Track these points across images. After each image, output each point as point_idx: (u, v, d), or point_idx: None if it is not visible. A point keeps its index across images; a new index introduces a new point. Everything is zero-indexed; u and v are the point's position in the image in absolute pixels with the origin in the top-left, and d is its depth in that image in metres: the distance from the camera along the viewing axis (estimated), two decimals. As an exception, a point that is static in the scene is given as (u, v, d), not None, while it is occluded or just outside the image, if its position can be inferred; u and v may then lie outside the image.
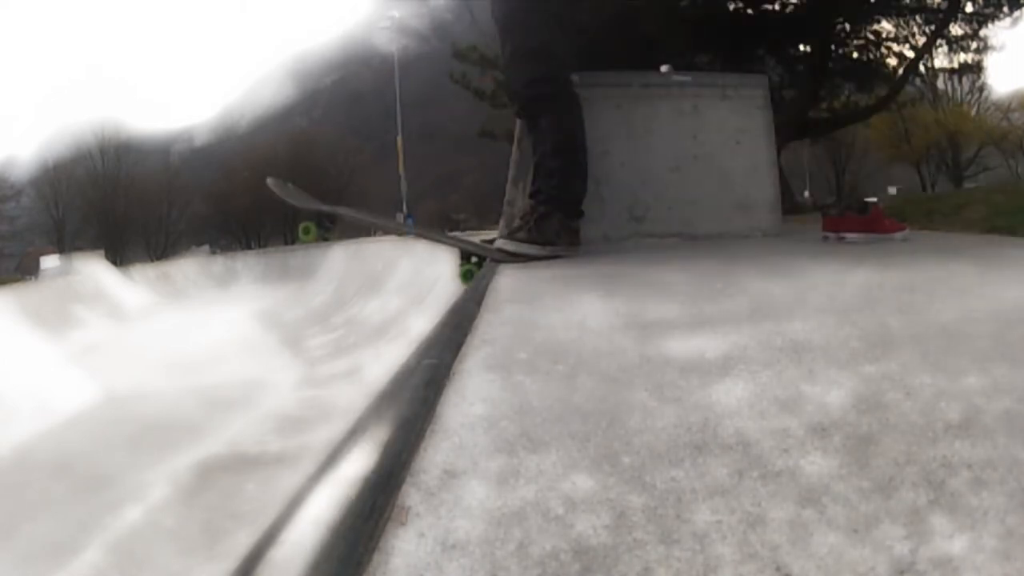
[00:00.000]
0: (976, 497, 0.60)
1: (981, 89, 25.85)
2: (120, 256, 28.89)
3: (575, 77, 3.93)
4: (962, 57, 12.73)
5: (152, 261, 27.63)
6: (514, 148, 3.85)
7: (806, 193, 26.63)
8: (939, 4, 11.22)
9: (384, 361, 5.26)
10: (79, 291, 14.03)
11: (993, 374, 0.93)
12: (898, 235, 3.01)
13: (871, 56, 12.53)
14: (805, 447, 0.73)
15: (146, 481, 3.76)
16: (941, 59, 13.21)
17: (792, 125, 11.13)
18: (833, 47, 11.83)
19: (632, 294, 1.91)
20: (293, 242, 32.77)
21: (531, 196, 3.18)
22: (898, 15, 11.80)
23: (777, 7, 11.66)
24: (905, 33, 12.24)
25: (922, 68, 14.00)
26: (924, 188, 25.34)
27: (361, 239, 18.30)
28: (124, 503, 3.47)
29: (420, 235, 5.20)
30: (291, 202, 4.13)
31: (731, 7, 11.47)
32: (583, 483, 0.68)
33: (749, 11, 11.36)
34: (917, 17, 11.78)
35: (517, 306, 1.75)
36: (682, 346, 1.20)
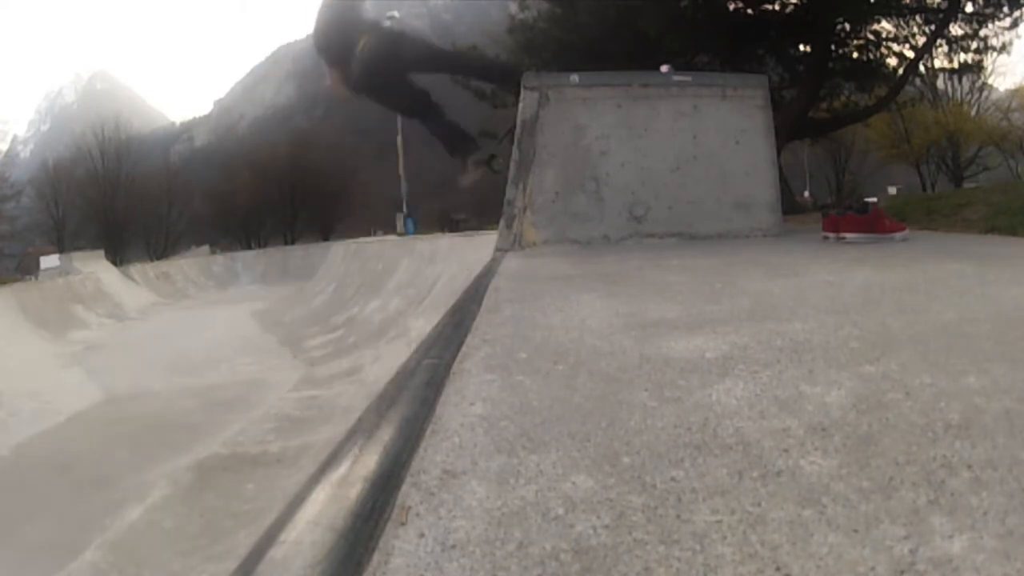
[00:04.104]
0: (976, 497, 0.60)
1: (981, 89, 25.82)
2: (120, 255, 28.86)
3: (575, 77, 3.93)
4: (962, 57, 12.73)
5: (152, 261, 27.64)
6: (514, 148, 3.85)
7: (806, 193, 26.61)
8: (939, 4, 11.21)
9: (384, 362, 5.26)
10: (79, 291, 14.03)
11: (993, 374, 0.93)
12: (898, 235, 3.02)
13: (871, 56, 12.52)
14: (805, 447, 0.73)
15: (146, 481, 3.76)
16: (941, 59, 13.21)
17: (792, 125, 11.12)
18: (833, 47, 11.83)
19: (632, 294, 1.91)
20: (293, 242, 32.79)
21: None
22: (898, 15, 11.79)
23: (777, 7, 11.65)
24: (905, 33, 12.23)
25: (922, 68, 13.99)
26: (924, 188, 25.31)
27: (360, 239, 18.31)
28: (124, 503, 3.47)
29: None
30: None
31: (731, 7, 11.46)
32: (583, 483, 0.68)
33: (749, 11, 11.35)
34: (917, 17, 11.77)
35: (517, 306, 1.75)
36: (682, 346, 1.20)
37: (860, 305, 1.51)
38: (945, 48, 12.40)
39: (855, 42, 12.42)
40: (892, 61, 12.54)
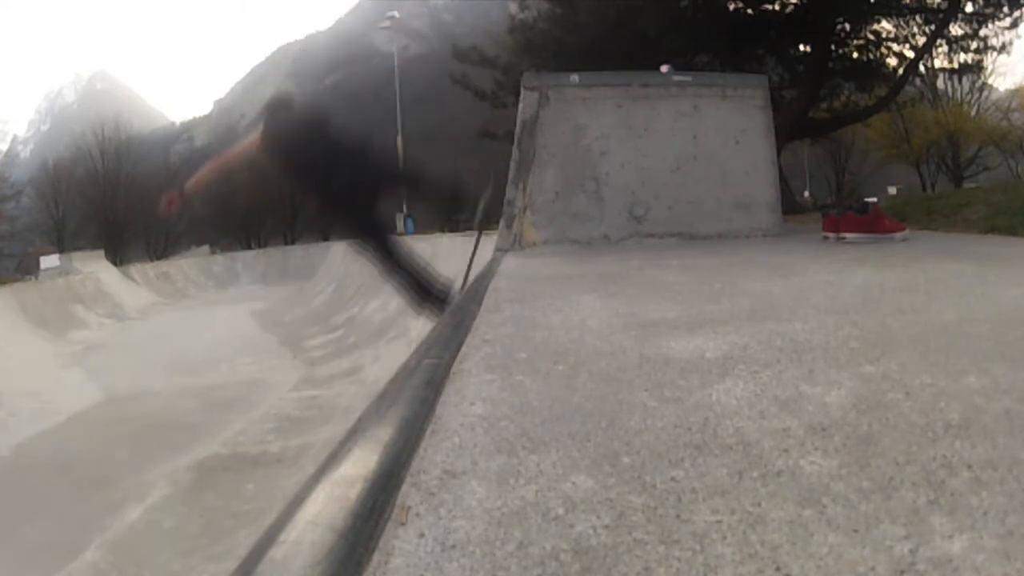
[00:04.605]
0: (976, 497, 0.60)
1: (981, 89, 25.82)
2: (120, 256, 28.85)
3: (575, 77, 3.94)
4: (962, 57, 12.74)
5: (152, 261, 27.62)
6: (514, 148, 3.85)
7: (806, 193, 26.61)
8: (939, 4, 11.22)
9: (384, 362, 5.26)
10: (79, 291, 14.03)
11: (993, 374, 0.93)
12: (898, 235, 3.02)
13: (871, 56, 12.53)
14: (805, 447, 0.73)
15: (146, 481, 3.76)
16: (941, 59, 13.21)
17: (792, 125, 11.12)
18: (833, 47, 11.84)
19: (632, 294, 1.91)
20: (293, 242, 32.77)
21: None
22: (898, 15, 11.80)
23: (777, 7, 11.66)
24: (905, 33, 12.25)
25: (922, 68, 14.00)
26: (924, 188, 25.30)
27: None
28: (124, 503, 3.47)
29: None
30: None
31: (731, 7, 11.47)
32: (583, 483, 0.68)
33: (749, 11, 11.36)
34: (917, 17, 11.78)
35: (517, 306, 1.75)
36: (682, 346, 1.20)
37: (860, 305, 1.51)
38: (945, 48, 12.42)
39: (855, 42, 12.43)
40: (892, 61, 12.56)
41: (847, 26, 11.86)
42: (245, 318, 11.63)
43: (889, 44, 12.46)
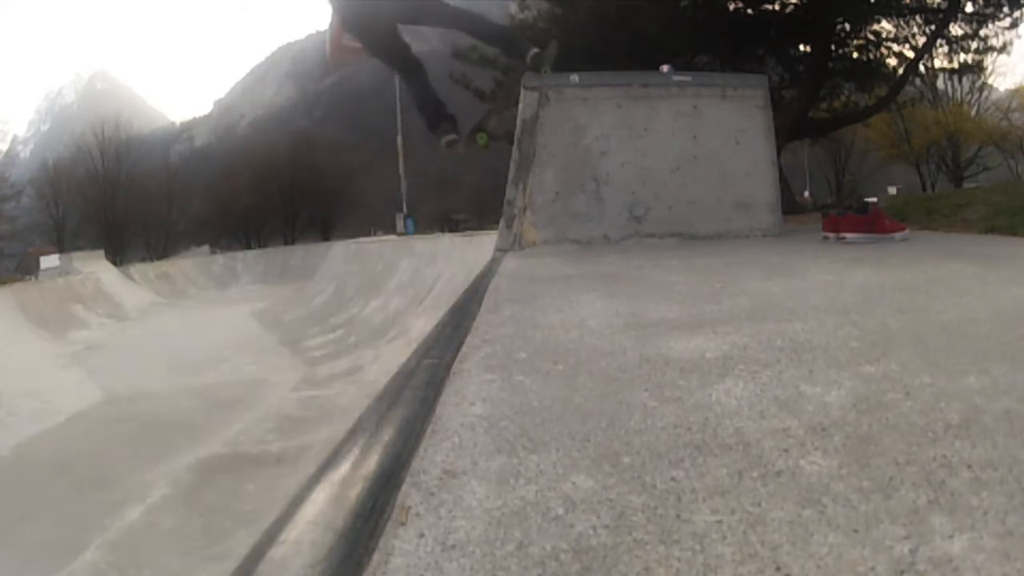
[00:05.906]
0: (976, 497, 0.60)
1: (981, 89, 25.83)
2: (120, 256, 28.87)
3: (575, 77, 3.93)
4: (962, 57, 12.73)
5: (152, 261, 27.62)
6: (514, 148, 3.85)
7: (806, 193, 26.60)
8: (939, 4, 11.21)
9: (384, 362, 5.26)
10: (79, 291, 14.03)
11: (993, 374, 0.93)
12: (898, 235, 3.01)
13: (871, 56, 12.52)
14: (805, 447, 0.73)
15: (146, 481, 3.76)
16: (941, 59, 13.21)
17: (792, 125, 11.11)
18: (833, 47, 11.83)
19: (632, 294, 1.91)
20: (293, 242, 32.78)
21: None
22: (898, 15, 11.79)
23: (777, 7, 11.65)
24: (905, 33, 12.24)
25: (922, 68, 13.98)
26: (924, 188, 25.32)
27: (360, 239, 18.31)
28: (125, 503, 3.47)
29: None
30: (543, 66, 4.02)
31: (731, 7, 11.46)
32: (583, 483, 0.68)
33: (749, 11, 11.35)
34: (917, 17, 11.77)
35: (517, 306, 1.75)
36: (682, 346, 1.20)
37: (860, 305, 1.51)
38: (945, 48, 12.40)
39: (855, 42, 12.42)
40: (892, 61, 12.54)
41: (847, 26, 11.84)
42: (245, 318, 11.64)
43: (889, 44, 12.45)
